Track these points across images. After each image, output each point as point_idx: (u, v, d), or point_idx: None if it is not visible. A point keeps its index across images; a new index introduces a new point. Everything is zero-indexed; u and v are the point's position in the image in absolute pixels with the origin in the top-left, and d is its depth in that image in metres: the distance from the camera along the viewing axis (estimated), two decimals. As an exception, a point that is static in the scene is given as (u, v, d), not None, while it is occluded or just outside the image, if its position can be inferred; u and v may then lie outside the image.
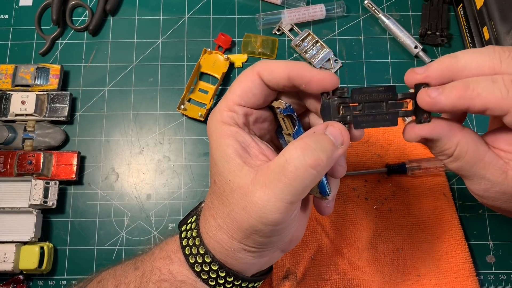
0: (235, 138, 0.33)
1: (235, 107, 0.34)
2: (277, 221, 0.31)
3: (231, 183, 0.33)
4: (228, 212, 0.33)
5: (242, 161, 0.33)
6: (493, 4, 0.52)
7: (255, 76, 0.34)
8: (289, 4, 0.62)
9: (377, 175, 0.53)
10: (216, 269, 0.34)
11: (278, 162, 0.31)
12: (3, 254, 0.51)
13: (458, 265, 0.49)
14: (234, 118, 0.34)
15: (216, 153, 0.34)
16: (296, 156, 0.31)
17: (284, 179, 0.30)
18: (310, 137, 0.32)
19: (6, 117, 0.56)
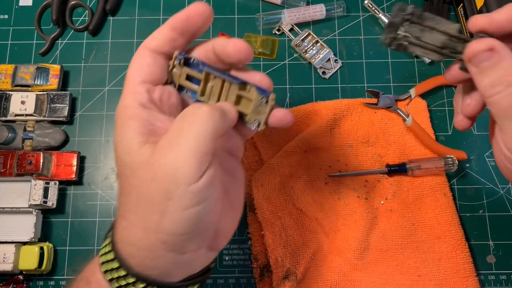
0: (137, 118, 0.31)
1: (136, 86, 0.33)
2: (190, 174, 0.28)
3: (131, 163, 0.30)
4: (136, 198, 0.30)
5: (144, 139, 0.30)
6: (493, 4, 0.52)
7: (142, 50, 0.33)
8: (289, 4, 0.62)
9: (377, 175, 0.53)
10: (133, 282, 0.30)
11: (176, 121, 0.30)
12: (3, 254, 0.51)
13: (458, 265, 0.49)
14: (137, 98, 0.32)
15: (118, 138, 0.31)
16: (192, 108, 0.30)
17: (186, 130, 0.29)
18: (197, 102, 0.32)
19: (6, 117, 0.56)
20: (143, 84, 0.33)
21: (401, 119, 0.55)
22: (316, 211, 0.52)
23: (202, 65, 0.34)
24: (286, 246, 0.50)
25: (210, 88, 0.35)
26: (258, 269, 0.51)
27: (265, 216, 0.51)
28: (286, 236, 0.50)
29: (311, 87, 0.59)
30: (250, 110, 0.34)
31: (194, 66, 0.35)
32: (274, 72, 0.59)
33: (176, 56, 0.34)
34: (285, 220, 0.51)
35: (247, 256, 0.53)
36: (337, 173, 0.53)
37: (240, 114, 0.35)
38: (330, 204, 0.52)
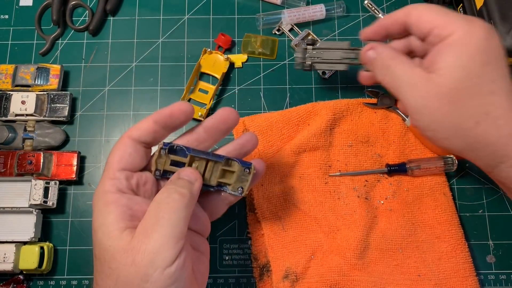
0: (117, 204, 0.34)
1: (116, 173, 0.36)
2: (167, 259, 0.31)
3: (112, 248, 0.32)
4: (114, 280, 0.32)
5: (124, 225, 0.33)
6: (493, 4, 0.52)
7: (126, 139, 0.37)
8: (289, 4, 0.62)
9: (377, 175, 0.53)
10: None
11: (151, 208, 0.34)
12: (3, 254, 0.51)
13: (458, 265, 0.49)
14: (116, 184, 0.35)
15: (97, 222, 0.34)
16: (164, 195, 0.34)
17: (162, 218, 0.32)
18: (169, 183, 0.37)
19: (6, 117, 0.56)
20: (122, 171, 0.36)
21: (400, 119, 0.55)
22: (316, 211, 0.52)
23: (186, 150, 0.39)
24: (286, 246, 0.50)
25: (195, 168, 0.39)
26: (258, 269, 0.51)
27: (265, 216, 0.51)
28: (286, 236, 0.50)
29: (311, 87, 0.59)
30: (234, 180, 0.40)
31: (178, 152, 0.39)
32: (274, 72, 0.59)
33: (161, 147, 0.38)
34: (285, 220, 0.51)
35: (247, 255, 0.53)
36: (337, 173, 0.53)
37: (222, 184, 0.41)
38: (330, 204, 0.52)
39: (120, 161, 0.36)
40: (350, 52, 0.50)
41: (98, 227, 0.33)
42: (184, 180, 0.37)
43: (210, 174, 0.40)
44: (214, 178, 0.40)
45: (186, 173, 0.38)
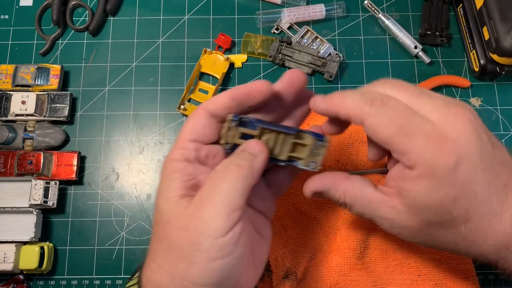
0: (182, 172, 0.34)
1: (186, 143, 0.35)
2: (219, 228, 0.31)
3: (168, 212, 0.33)
4: (167, 245, 0.32)
5: (185, 193, 0.33)
6: (493, 4, 0.52)
7: (200, 111, 0.36)
8: (289, 3, 0.62)
9: (377, 175, 0.53)
10: None
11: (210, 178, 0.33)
12: (3, 254, 0.51)
13: (458, 265, 0.49)
14: (185, 154, 0.35)
15: (161, 188, 0.34)
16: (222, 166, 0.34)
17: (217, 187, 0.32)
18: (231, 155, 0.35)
19: (6, 117, 0.56)
20: (192, 142, 0.36)
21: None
22: (316, 211, 0.52)
23: (255, 122, 0.37)
24: (286, 246, 0.50)
25: (265, 141, 0.37)
26: (258, 269, 0.51)
27: (265, 215, 0.51)
28: (286, 236, 0.50)
29: (311, 87, 0.59)
30: (306, 154, 0.38)
31: (248, 125, 0.37)
32: (274, 72, 0.59)
33: (231, 119, 0.36)
34: (285, 220, 0.51)
35: (247, 255, 0.53)
36: (337, 173, 0.53)
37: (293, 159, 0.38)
38: (330, 204, 0.52)
39: (192, 132, 0.36)
40: (317, 60, 0.56)
41: (161, 193, 0.34)
42: (246, 152, 0.35)
43: (280, 148, 0.38)
44: (284, 152, 0.38)
45: (250, 145, 0.36)
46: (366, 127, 0.33)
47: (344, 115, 0.34)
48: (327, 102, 0.35)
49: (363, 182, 0.36)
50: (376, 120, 0.32)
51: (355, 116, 0.33)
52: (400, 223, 0.34)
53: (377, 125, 0.32)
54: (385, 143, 0.32)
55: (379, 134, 0.32)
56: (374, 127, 0.32)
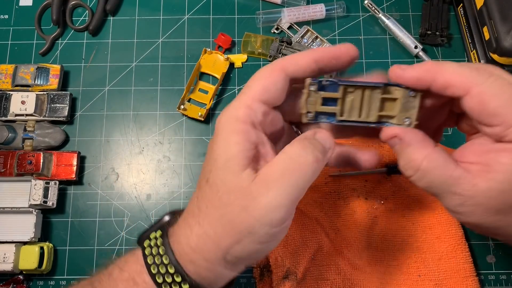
0: (246, 137, 0.32)
1: (254, 104, 0.32)
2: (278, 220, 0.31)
3: (229, 183, 0.31)
4: (220, 215, 0.31)
5: (247, 163, 0.31)
6: (493, 4, 0.52)
7: (278, 71, 0.33)
8: (289, 3, 0.62)
9: (377, 175, 0.53)
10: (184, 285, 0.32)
11: (281, 160, 0.31)
12: (3, 254, 0.51)
13: (458, 265, 0.49)
14: (251, 116, 0.32)
15: (220, 150, 0.32)
16: (298, 154, 0.31)
17: (289, 175, 0.30)
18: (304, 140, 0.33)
19: (6, 117, 0.56)
20: (262, 104, 0.33)
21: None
22: (316, 211, 0.52)
23: (338, 82, 0.33)
24: (286, 246, 0.50)
25: (349, 103, 0.34)
26: (258, 269, 0.51)
27: (265, 216, 0.51)
28: (286, 236, 0.50)
29: (311, 87, 0.59)
30: (398, 110, 0.33)
31: (328, 88, 0.34)
32: (274, 72, 0.59)
33: (310, 83, 0.33)
34: (285, 220, 0.51)
35: (247, 256, 0.53)
36: (337, 173, 0.53)
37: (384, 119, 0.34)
38: (330, 204, 0.52)
39: (264, 92, 0.32)
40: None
41: (220, 156, 0.31)
42: (319, 142, 0.33)
43: (368, 109, 0.34)
44: (373, 112, 0.34)
45: (323, 136, 0.34)
46: (473, 96, 0.30)
47: (443, 83, 0.31)
48: (420, 70, 0.32)
49: (447, 155, 0.33)
50: (486, 89, 0.30)
51: (460, 84, 0.31)
52: (477, 201, 0.31)
53: (487, 94, 0.30)
54: (492, 114, 0.30)
55: (488, 104, 0.30)
56: (484, 96, 0.30)
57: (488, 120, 0.31)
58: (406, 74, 0.32)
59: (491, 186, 0.31)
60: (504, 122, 0.30)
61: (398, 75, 0.33)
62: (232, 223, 0.31)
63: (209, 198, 0.32)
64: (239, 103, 0.33)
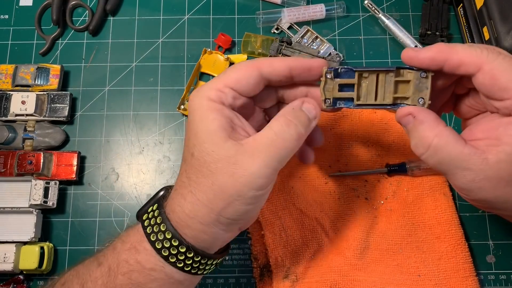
0: (221, 113, 0.35)
1: (225, 88, 0.36)
2: (262, 185, 0.35)
3: (215, 154, 0.34)
4: (211, 182, 0.35)
5: (226, 135, 0.35)
6: (493, 4, 0.52)
7: (254, 68, 0.37)
8: (289, 3, 0.62)
9: (377, 175, 0.53)
10: (184, 251, 0.36)
11: (267, 135, 0.35)
12: (3, 254, 0.51)
13: (458, 265, 0.49)
14: (222, 97, 0.36)
15: (199, 126, 0.35)
16: (283, 130, 0.35)
17: (273, 149, 0.35)
18: (290, 113, 0.36)
19: (6, 117, 0.56)
20: (232, 89, 0.36)
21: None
22: (316, 211, 0.52)
23: (352, 69, 0.36)
24: (286, 246, 0.50)
25: (365, 88, 0.37)
26: (258, 269, 0.51)
27: (265, 216, 0.51)
28: (286, 236, 0.50)
29: (311, 87, 0.59)
30: (411, 91, 0.36)
31: (343, 75, 0.37)
32: (274, 72, 0.59)
33: (326, 71, 0.36)
34: (285, 220, 0.51)
35: (247, 256, 0.53)
36: (337, 173, 0.53)
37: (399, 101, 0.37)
38: (330, 204, 0.52)
39: (236, 83, 0.36)
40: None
41: (201, 131, 0.35)
42: (305, 114, 0.37)
43: (383, 91, 0.37)
44: (388, 94, 0.37)
45: (308, 107, 0.37)
46: (485, 72, 0.33)
47: (456, 62, 0.34)
48: (433, 51, 0.34)
49: (456, 133, 0.35)
50: (497, 65, 0.32)
51: (472, 62, 0.33)
52: (488, 174, 0.33)
53: (498, 69, 0.32)
54: (502, 88, 0.32)
55: (500, 79, 0.32)
56: (495, 71, 0.32)
57: (500, 94, 0.33)
58: (420, 55, 0.35)
59: (501, 158, 0.32)
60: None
61: (412, 56, 0.35)
62: (222, 188, 0.34)
63: (198, 169, 0.35)
64: (211, 86, 0.36)
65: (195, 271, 0.37)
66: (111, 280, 0.36)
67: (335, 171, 0.53)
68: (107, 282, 0.36)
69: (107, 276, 0.37)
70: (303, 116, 0.37)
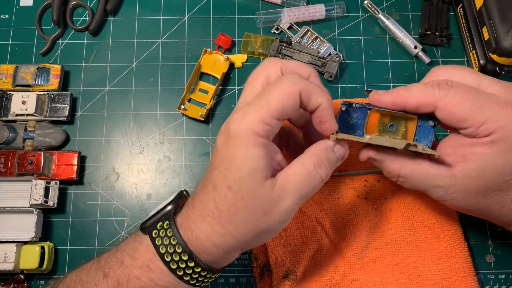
0: (267, 150, 0.35)
1: (273, 121, 0.35)
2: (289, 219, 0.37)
3: (255, 192, 0.35)
4: (245, 218, 0.35)
5: (268, 174, 0.35)
6: (493, 4, 0.52)
7: (297, 95, 0.35)
8: (289, 3, 0.62)
9: (377, 175, 0.54)
10: (199, 271, 0.37)
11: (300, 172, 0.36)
12: (4, 253, 0.51)
13: (457, 264, 0.50)
14: (268, 131, 0.35)
15: (245, 162, 0.34)
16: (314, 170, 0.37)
17: (304, 188, 0.36)
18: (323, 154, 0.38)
19: (6, 117, 0.56)
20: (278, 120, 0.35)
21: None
22: (316, 211, 0.52)
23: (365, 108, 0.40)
24: (286, 246, 0.50)
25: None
26: (258, 269, 0.51)
27: (265, 215, 0.51)
28: (286, 236, 0.50)
29: (311, 87, 0.59)
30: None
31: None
32: (274, 72, 0.59)
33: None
34: (285, 220, 0.51)
35: (247, 255, 0.53)
36: (336, 173, 0.53)
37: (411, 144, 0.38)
38: (330, 204, 0.52)
39: (283, 112, 0.35)
40: (317, 60, 0.56)
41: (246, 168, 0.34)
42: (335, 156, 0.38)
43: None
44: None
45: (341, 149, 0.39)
46: (441, 109, 0.36)
47: (414, 104, 0.37)
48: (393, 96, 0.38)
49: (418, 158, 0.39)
50: (450, 101, 0.36)
51: (427, 103, 0.36)
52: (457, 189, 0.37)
53: (452, 104, 0.35)
54: (461, 120, 0.36)
55: (455, 112, 0.35)
56: (449, 107, 0.36)
57: (460, 125, 0.36)
58: (382, 100, 0.39)
59: (467, 174, 0.36)
60: (474, 124, 0.35)
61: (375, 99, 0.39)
62: (255, 224, 0.36)
63: (232, 203, 0.35)
64: (257, 116, 0.35)
65: (203, 284, 0.39)
66: None
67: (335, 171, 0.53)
68: None
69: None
70: (334, 157, 0.38)
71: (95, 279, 0.38)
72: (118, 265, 0.38)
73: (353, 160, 0.54)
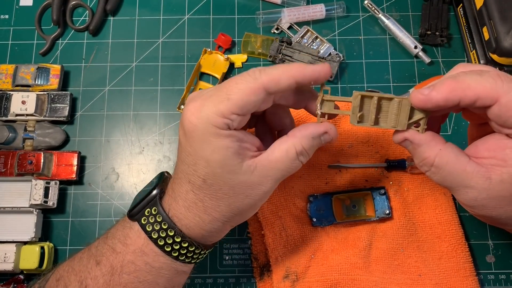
0: (230, 138, 0.35)
1: (231, 115, 0.35)
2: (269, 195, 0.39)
3: (231, 180, 0.36)
4: (228, 203, 0.37)
5: (240, 159, 0.36)
6: (493, 4, 0.52)
7: (261, 90, 0.35)
8: (289, 3, 0.62)
9: (378, 175, 0.54)
10: (193, 249, 0.39)
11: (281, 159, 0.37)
12: (4, 254, 0.51)
13: (458, 264, 0.49)
14: (228, 124, 0.35)
15: (212, 155, 0.35)
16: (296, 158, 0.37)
17: (285, 171, 0.37)
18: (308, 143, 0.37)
19: (6, 117, 0.56)
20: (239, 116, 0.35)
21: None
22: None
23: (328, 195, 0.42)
24: (286, 246, 0.50)
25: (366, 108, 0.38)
26: (258, 269, 0.51)
27: (265, 215, 0.51)
28: (286, 236, 0.50)
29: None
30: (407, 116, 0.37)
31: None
32: (274, 72, 0.59)
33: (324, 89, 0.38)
34: (285, 220, 0.51)
35: (247, 255, 0.53)
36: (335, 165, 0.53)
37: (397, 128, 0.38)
38: (330, 203, 0.52)
39: (242, 108, 0.35)
40: (317, 60, 0.57)
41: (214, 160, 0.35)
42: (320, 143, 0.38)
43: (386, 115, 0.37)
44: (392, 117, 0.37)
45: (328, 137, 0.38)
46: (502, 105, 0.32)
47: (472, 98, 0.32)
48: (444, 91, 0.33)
49: (459, 150, 0.35)
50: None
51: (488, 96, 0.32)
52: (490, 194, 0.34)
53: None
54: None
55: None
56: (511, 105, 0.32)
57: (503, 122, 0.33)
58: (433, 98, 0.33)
59: (505, 179, 0.33)
60: None
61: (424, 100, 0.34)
62: (239, 207, 0.37)
63: (211, 193, 0.37)
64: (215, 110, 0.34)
65: (198, 260, 0.41)
66: (115, 279, 0.37)
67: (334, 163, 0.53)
68: (110, 280, 0.37)
69: (110, 275, 0.37)
70: (318, 144, 0.38)
71: (87, 267, 0.38)
72: (110, 252, 0.38)
73: (353, 161, 0.54)
